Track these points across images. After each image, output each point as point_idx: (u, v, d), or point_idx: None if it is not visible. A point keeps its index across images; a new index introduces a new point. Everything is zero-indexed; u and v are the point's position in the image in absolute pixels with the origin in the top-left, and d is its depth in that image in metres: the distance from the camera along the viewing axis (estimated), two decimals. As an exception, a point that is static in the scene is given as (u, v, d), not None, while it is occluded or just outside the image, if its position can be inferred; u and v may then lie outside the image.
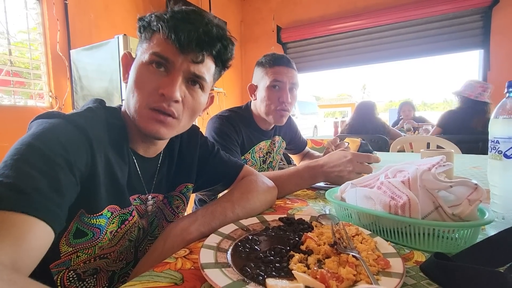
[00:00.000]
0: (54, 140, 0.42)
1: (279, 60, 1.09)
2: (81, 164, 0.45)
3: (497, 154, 0.48)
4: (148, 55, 0.52)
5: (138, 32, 0.57)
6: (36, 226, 0.36)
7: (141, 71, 0.53)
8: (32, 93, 2.07)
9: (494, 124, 0.49)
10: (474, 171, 1.12)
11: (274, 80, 1.08)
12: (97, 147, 0.48)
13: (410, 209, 0.47)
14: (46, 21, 2.08)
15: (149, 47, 0.53)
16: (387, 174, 0.58)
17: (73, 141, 0.45)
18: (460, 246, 0.46)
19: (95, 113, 0.53)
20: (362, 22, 3.48)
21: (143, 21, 0.55)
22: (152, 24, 0.53)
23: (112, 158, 0.52)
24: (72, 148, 0.44)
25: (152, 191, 0.63)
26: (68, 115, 0.48)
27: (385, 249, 0.43)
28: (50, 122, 0.45)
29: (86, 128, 0.48)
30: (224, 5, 3.81)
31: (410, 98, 10.55)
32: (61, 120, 0.46)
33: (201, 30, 0.52)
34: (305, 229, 0.51)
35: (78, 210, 0.48)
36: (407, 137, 2.56)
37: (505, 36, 2.91)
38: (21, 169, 0.37)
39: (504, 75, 2.87)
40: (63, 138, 0.43)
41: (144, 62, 0.53)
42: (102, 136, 0.51)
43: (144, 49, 0.54)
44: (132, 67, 0.56)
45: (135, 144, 0.59)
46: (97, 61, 2.00)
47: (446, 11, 3.10)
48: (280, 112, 1.11)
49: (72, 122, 0.47)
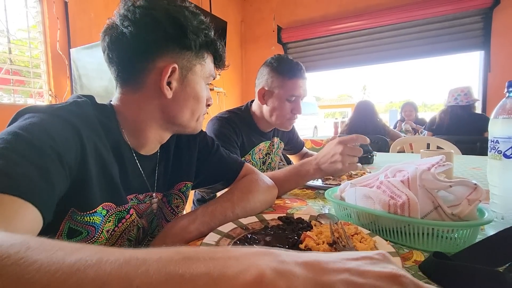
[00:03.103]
0: (43, 132, 0.41)
1: (298, 72, 1.10)
2: (70, 158, 0.44)
3: (497, 154, 0.48)
4: (208, 78, 0.62)
5: (182, 39, 0.56)
6: (25, 208, 0.34)
7: (202, 90, 0.61)
8: (32, 92, 2.07)
9: (494, 124, 0.49)
10: (474, 172, 1.12)
11: (292, 95, 1.09)
12: (87, 141, 0.47)
13: (410, 208, 0.47)
14: (46, 20, 2.08)
15: (206, 68, 0.61)
16: (386, 173, 0.58)
17: (62, 134, 0.44)
18: (459, 245, 0.46)
19: (82, 108, 0.51)
20: (362, 22, 3.48)
21: (195, 35, 0.56)
22: (206, 44, 0.59)
23: (104, 154, 0.51)
24: (61, 141, 0.43)
25: (152, 189, 0.63)
26: (55, 110, 0.47)
27: (384, 248, 0.43)
28: (38, 116, 0.43)
29: (76, 123, 0.46)
30: (225, 5, 3.80)
31: (410, 99, 10.42)
32: (49, 114, 0.45)
33: (223, 46, 0.64)
34: (304, 228, 0.51)
35: (69, 209, 0.47)
36: (407, 137, 2.56)
37: (505, 37, 2.91)
38: (9, 157, 0.36)
39: (505, 76, 2.87)
40: (51, 131, 0.42)
41: (205, 82, 0.62)
42: (92, 131, 0.50)
43: (202, 70, 0.60)
44: (189, 84, 0.58)
45: (137, 143, 0.58)
46: (98, 60, 2.00)
47: (447, 12, 3.10)
48: (290, 121, 1.15)
49: (60, 116, 0.46)
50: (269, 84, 1.11)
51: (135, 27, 0.52)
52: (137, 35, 0.52)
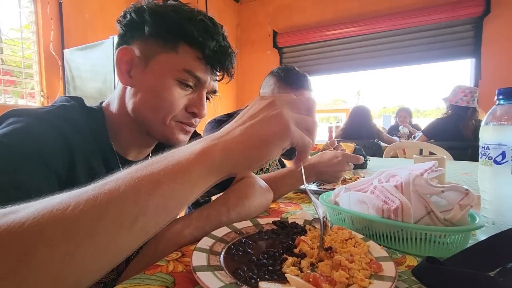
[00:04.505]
0: (27, 137, 0.39)
1: (304, 84, 1.10)
2: (57, 164, 0.42)
3: (488, 160, 0.49)
4: (180, 72, 0.51)
5: (150, 28, 0.51)
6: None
7: (168, 85, 0.51)
8: (23, 92, 2.04)
9: (484, 130, 0.50)
10: (465, 178, 1.13)
11: None
12: (75, 147, 0.45)
13: (403, 213, 0.47)
14: (40, 20, 2.06)
15: (179, 60, 0.51)
16: (380, 178, 0.58)
17: (48, 139, 0.42)
18: (451, 250, 0.46)
19: (70, 113, 0.48)
20: (357, 29, 3.54)
21: (165, 21, 0.51)
22: (179, 31, 0.51)
23: (93, 160, 0.49)
24: (48, 146, 0.41)
25: None
26: (41, 113, 0.44)
27: (377, 253, 0.43)
28: (22, 120, 0.41)
29: (64, 129, 0.44)
30: (221, 9, 3.82)
31: (403, 104, 10.68)
32: (35, 118, 0.43)
33: (225, 48, 0.54)
34: (298, 233, 0.51)
35: None
36: (400, 143, 2.59)
37: (495, 45, 2.98)
38: None
39: (495, 84, 2.93)
40: (37, 136, 0.40)
41: (174, 77, 0.51)
42: (81, 136, 0.47)
43: (170, 60, 0.51)
44: (150, 74, 0.51)
45: (123, 148, 0.56)
46: (91, 61, 1.98)
47: (439, 20, 3.17)
48: None
49: (48, 121, 0.43)
50: (275, 94, 1.12)
51: (120, 17, 0.55)
52: (119, 23, 0.55)
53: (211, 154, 0.30)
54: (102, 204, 0.25)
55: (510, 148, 0.46)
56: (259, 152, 0.31)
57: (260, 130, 0.31)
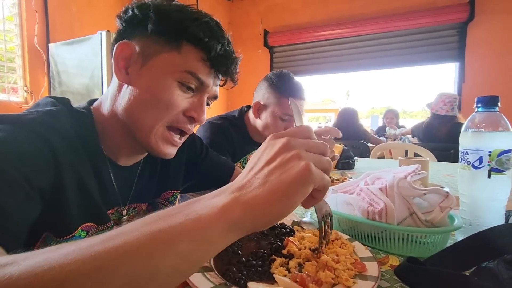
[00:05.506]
0: (8, 150, 0.36)
1: (296, 92, 1.06)
2: (41, 179, 0.38)
3: (466, 165, 0.51)
4: (182, 73, 0.49)
5: (154, 25, 0.48)
6: None
7: (168, 86, 0.48)
8: (5, 87, 1.97)
9: (464, 136, 0.53)
10: (448, 179, 1.18)
11: (286, 113, 1.05)
12: (63, 159, 0.42)
13: (387, 215, 0.49)
14: (24, 12, 1.99)
15: (181, 60, 0.49)
16: (366, 180, 0.60)
17: (32, 152, 0.38)
18: (431, 250, 0.49)
19: (57, 120, 0.45)
20: (347, 30, 3.59)
21: (170, 19, 0.48)
22: (183, 30, 0.48)
23: (82, 170, 0.46)
24: (30, 160, 0.37)
25: (131, 202, 0.58)
26: (25, 121, 0.40)
27: (362, 253, 0.45)
28: (3, 129, 0.37)
29: (50, 139, 0.41)
30: (212, 6, 3.79)
31: (391, 105, 10.94)
32: (17, 126, 0.39)
33: (230, 53, 0.52)
34: (287, 234, 0.52)
35: (42, 234, 0.42)
36: (387, 144, 2.66)
37: (479, 50, 3.09)
38: None
39: (478, 88, 3.05)
40: (19, 149, 0.37)
41: (175, 78, 0.49)
42: (69, 146, 0.44)
43: (172, 60, 0.48)
44: (149, 73, 0.49)
45: (113, 153, 0.53)
46: (78, 56, 1.93)
47: (426, 24, 3.26)
48: None
49: (32, 130, 0.40)
50: (265, 99, 1.09)
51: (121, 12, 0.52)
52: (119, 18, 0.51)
53: (233, 211, 0.27)
54: (107, 267, 0.22)
55: (487, 153, 0.48)
56: (283, 204, 0.28)
57: (279, 176, 0.28)
